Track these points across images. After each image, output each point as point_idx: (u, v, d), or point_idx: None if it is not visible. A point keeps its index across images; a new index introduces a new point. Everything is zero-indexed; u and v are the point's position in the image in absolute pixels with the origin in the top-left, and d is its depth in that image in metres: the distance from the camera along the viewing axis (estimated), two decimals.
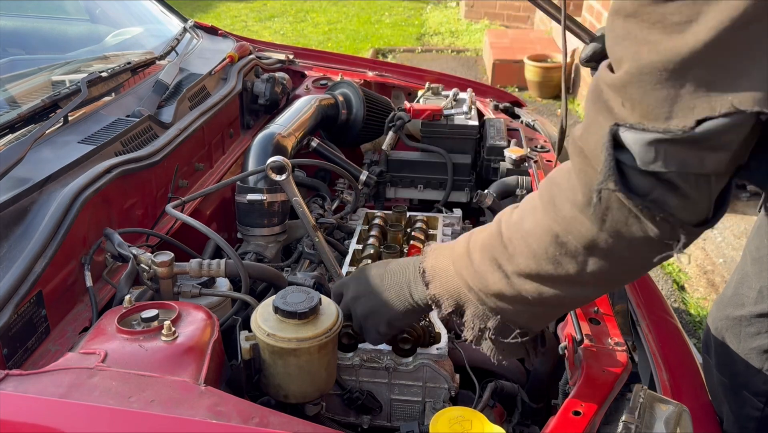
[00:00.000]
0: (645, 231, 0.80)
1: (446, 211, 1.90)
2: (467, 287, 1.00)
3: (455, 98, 2.20)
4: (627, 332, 1.34)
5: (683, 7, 0.69)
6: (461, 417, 1.00)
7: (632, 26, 0.73)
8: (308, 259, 1.62)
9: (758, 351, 1.44)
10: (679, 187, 0.76)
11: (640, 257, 0.86)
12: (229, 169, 1.95)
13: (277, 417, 0.89)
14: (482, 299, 0.99)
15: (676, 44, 0.69)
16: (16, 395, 0.90)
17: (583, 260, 0.87)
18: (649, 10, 0.71)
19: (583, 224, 0.84)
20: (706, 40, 0.67)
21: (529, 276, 0.92)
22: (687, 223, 0.79)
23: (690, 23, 0.68)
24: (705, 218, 0.81)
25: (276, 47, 2.72)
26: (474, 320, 1.02)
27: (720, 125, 0.70)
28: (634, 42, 0.73)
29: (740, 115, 0.69)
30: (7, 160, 1.26)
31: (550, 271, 0.90)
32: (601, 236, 0.83)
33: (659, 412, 1.02)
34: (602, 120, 0.78)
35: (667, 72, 0.71)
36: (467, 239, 1.04)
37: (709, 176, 0.76)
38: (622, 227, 0.81)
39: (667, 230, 0.80)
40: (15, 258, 1.12)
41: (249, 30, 8.19)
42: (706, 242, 3.76)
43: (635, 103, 0.75)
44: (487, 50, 6.73)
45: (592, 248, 0.85)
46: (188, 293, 1.26)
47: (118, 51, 2.01)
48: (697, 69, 0.69)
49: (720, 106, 0.69)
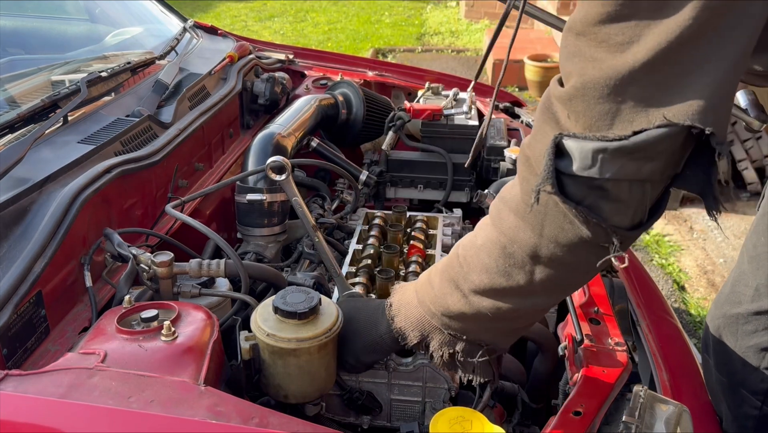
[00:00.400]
0: (580, 235, 0.84)
1: (446, 211, 1.89)
2: (430, 314, 1.03)
3: (455, 98, 2.20)
4: (627, 332, 1.34)
5: (626, 28, 0.74)
6: (461, 417, 1.00)
7: (582, 44, 0.78)
8: (308, 259, 1.62)
9: (755, 349, 1.44)
10: (612, 193, 0.81)
11: (581, 262, 0.89)
12: (229, 169, 1.95)
13: (277, 417, 0.89)
14: (446, 323, 1.02)
15: (617, 63, 0.75)
16: (15, 395, 0.90)
17: (530, 270, 0.91)
18: (596, 29, 0.76)
19: (525, 232, 0.89)
20: (644, 60, 0.73)
21: (484, 292, 0.96)
22: (619, 227, 0.83)
23: (631, 44, 0.74)
24: (639, 222, 0.85)
25: (276, 47, 2.72)
26: (442, 348, 1.04)
27: (654, 136, 0.75)
28: (582, 59, 0.78)
29: (674, 127, 0.74)
30: (7, 160, 1.26)
31: (502, 284, 0.93)
32: (542, 242, 0.87)
33: (659, 412, 1.02)
34: (548, 130, 0.83)
35: (608, 88, 0.76)
36: (430, 268, 1.08)
37: (644, 183, 0.81)
38: (559, 233, 0.85)
39: (601, 234, 0.84)
40: (14, 258, 1.12)
41: (249, 30, 8.19)
42: (706, 242, 3.76)
43: (579, 116, 0.79)
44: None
45: (536, 256, 0.89)
46: (188, 293, 1.26)
47: (118, 51, 2.01)
48: (635, 86, 0.75)
49: (655, 119, 0.75)
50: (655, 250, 3.72)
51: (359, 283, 1.39)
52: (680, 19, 0.71)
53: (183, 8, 3.22)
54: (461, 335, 1.02)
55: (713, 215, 0.83)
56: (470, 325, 1.00)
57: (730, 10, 0.71)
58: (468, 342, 1.02)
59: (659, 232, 3.87)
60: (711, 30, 0.71)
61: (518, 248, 0.90)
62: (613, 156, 0.77)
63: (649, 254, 3.70)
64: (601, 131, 0.78)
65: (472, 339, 1.02)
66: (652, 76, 0.74)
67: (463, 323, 1.00)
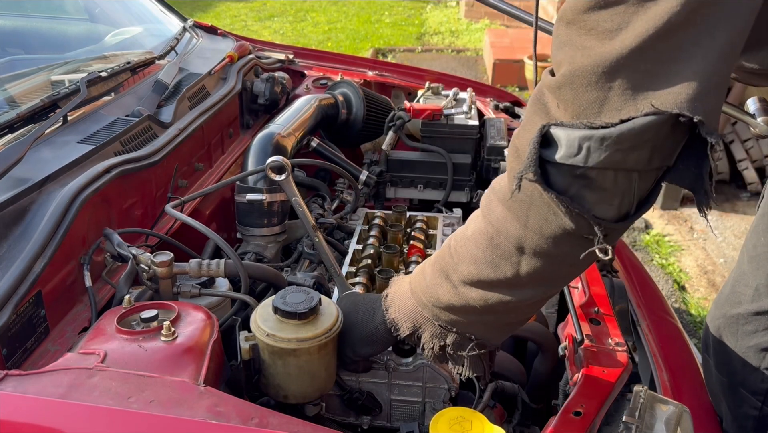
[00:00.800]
0: (563, 227, 0.84)
1: (446, 211, 1.89)
2: (422, 304, 1.03)
3: (455, 98, 2.20)
4: (627, 332, 1.34)
5: (615, 15, 0.74)
6: (461, 417, 1.00)
7: (572, 33, 0.78)
8: (308, 259, 1.62)
9: (755, 349, 1.44)
10: (596, 182, 0.80)
11: (566, 254, 0.88)
12: (229, 169, 1.95)
13: (277, 418, 0.89)
14: (436, 315, 1.02)
15: (605, 50, 0.74)
16: (15, 395, 0.90)
17: (516, 261, 0.90)
18: (585, 17, 0.76)
19: (511, 223, 0.88)
20: (632, 46, 0.72)
21: (472, 283, 0.95)
22: (603, 218, 0.83)
23: (619, 30, 0.73)
24: (626, 214, 0.84)
25: (276, 47, 2.72)
26: (433, 340, 1.04)
27: (641, 124, 0.74)
28: (572, 47, 0.78)
29: (661, 115, 0.73)
30: (7, 159, 1.25)
31: (489, 275, 0.93)
32: (527, 234, 0.87)
33: (660, 412, 1.02)
34: (537, 120, 0.83)
35: (596, 75, 0.75)
36: (426, 260, 1.07)
37: (631, 173, 0.80)
38: (543, 224, 0.85)
39: (584, 225, 0.83)
40: (14, 258, 1.12)
41: (249, 30, 8.19)
42: (706, 242, 3.76)
43: (568, 104, 0.79)
44: (488, 50, 6.73)
45: (522, 247, 0.89)
46: (188, 293, 1.26)
47: (118, 51, 2.01)
48: (624, 73, 0.74)
49: (643, 107, 0.74)
50: (656, 250, 3.72)
51: (359, 283, 1.39)
52: (669, 6, 0.70)
53: (183, 8, 3.22)
54: (451, 327, 1.02)
55: (704, 211, 0.82)
56: (460, 317, 1.00)
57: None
58: (458, 335, 1.02)
59: (659, 232, 3.87)
60: (700, 17, 0.71)
61: (504, 238, 0.90)
62: (599, 144, 0.77)
63: (649, 254, 3.70)
64: (589, 119, 0.77)
65: (462, 332, 1.02)
66: (640, 64, 0.73)
67: (452, 314, 1.00)
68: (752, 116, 1.26)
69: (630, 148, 0.77)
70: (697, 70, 0.72)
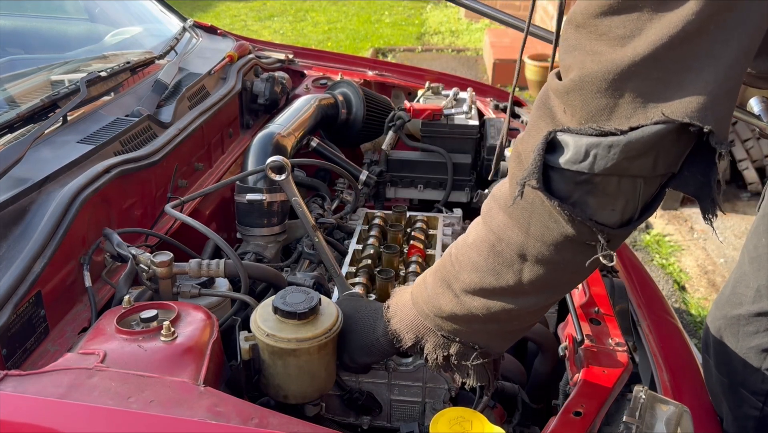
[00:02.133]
0: (565, 234, 0.83)
1: (446, 211, 1.89)
2: (423, 315, 1.02)
3: (455, 98, 2.20)
4: (627, 333, 1.34)
5: (627, 21, 0.73)
6: (461, 418, 1.00)
7: (582, 37, 0.77)
8: (308, 259, 1.62)
9: (756, 350, 1.44)
10: (599, 188, 0.79)
11: (569, 261, 0.88)
12: (229, 169, 1.95)
13: (277, 418, 0.89)
14: (439, 325, 1.01)
15: (617, 56, 0.73)
16: (15, 395, 0.90)
17: (519, 269, 0.89)
18: (597, 22, 0.75)
19: (513, 230, 0.88)
20: (645, 54, 0.71)
21: (474, 291, 0.94)
22: (605, 224, 0.82)
23: (632, 37, 0.72)
24: (629, 219, 0.84)
25: (276, 47, 2.72)
26: (436, 350, 1.03)
27: (650, 132, 0.74)
28: (582, 52, 0.77)
29: (671, 124, 0.73)
30: (7, 159, 1.25)
31: (492, 283, 0.92)
32: (529, 241, 0.86)
33: (660, 412, 1.02)
34: (543, 125, 0.82)
35: (607, 82, 0.74)
36: (427, 270, 1.06)
37: (636, 179, 0.79)
38: (544, 231, 0.84)
39: (586, 232, 0.82)
40: (14, 258, 1.12)
41: (248, 29, 8.19)
42: (707, 242, 3.76)
43: (576, 110, 0.78)
44: (488, 50, 6.73)
45: (524, 255, 0.88)
46: (187, 293, 1.26)
47: (118, 50, 2.01)
48: (635, 81, 0.73)
49: (653, 115, 0.73)
50: (656, 250, 3.72)
51: (359, 283, 1.39)
52: (683, 14, 0.69)
53: (182, 8, 3.22)
54: (454, 336, 1.01)
55: (709, 219, 0.81)
56: (462, 326, 0.99)
57: (734, 7, 0.70)
58: (461, 344, 1.01)
59: (660, 232, 3.87)
60: (714, 26, 0.70)
61: (506, 246, 0.89)
62: (606, 151, 0.76)
63: (649, 254, 3.70)
64: (597, 126, 0.76)
65: (465, 341, 1.01)
66: (653, 72, 0.72)
67: (455, 324, 0.99)
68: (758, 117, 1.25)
69: (637, 154, 0.76)
70: (709, 79, 0.72)
